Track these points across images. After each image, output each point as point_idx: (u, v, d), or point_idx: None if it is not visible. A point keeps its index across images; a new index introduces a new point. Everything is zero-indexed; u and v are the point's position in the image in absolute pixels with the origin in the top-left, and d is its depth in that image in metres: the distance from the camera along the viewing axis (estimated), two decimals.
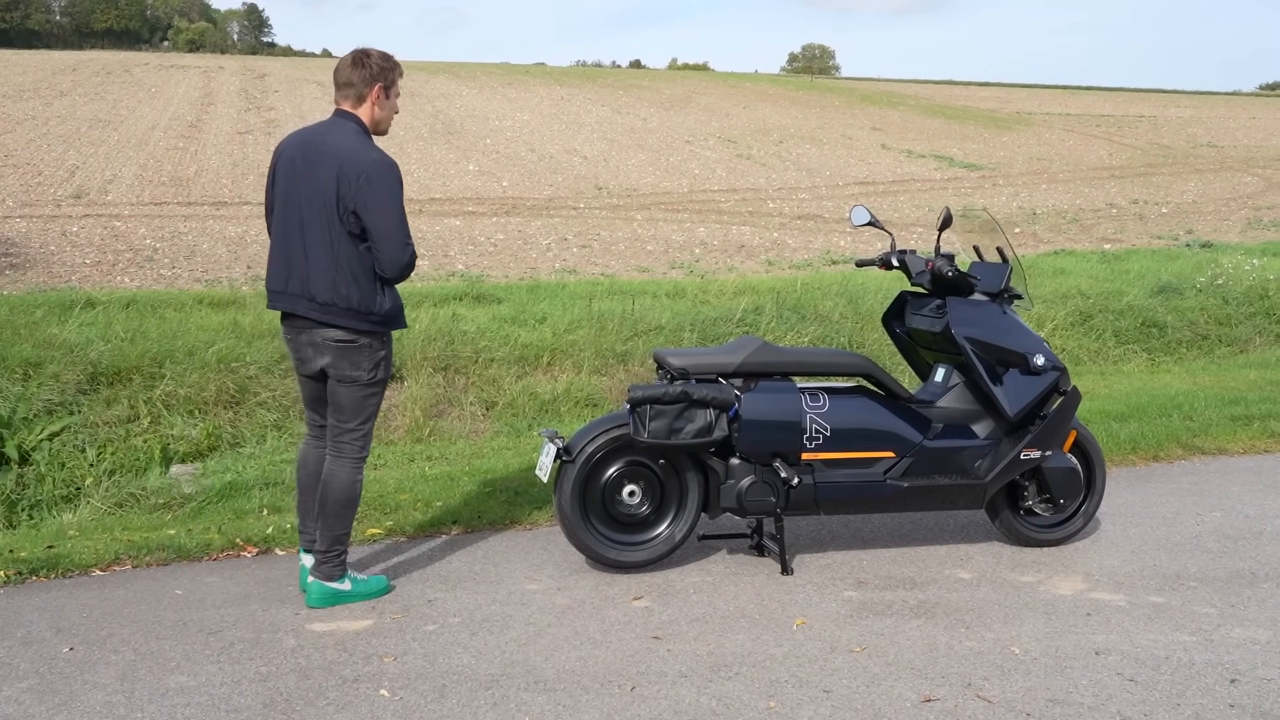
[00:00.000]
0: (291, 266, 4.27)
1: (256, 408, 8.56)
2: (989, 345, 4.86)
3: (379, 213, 4.14)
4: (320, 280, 4.19)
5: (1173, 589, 4.59)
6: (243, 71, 46.87)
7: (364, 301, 4.21)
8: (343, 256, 4.17)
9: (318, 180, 4.19)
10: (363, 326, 4.24)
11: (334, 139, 4.27)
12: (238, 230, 17.90)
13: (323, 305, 4.21)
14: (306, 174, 4.23)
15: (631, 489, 4.77)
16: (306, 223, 4.21)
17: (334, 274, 4.18)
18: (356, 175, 4.14)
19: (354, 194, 4.13)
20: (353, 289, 4.19)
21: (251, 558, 5.03)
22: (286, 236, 4.29)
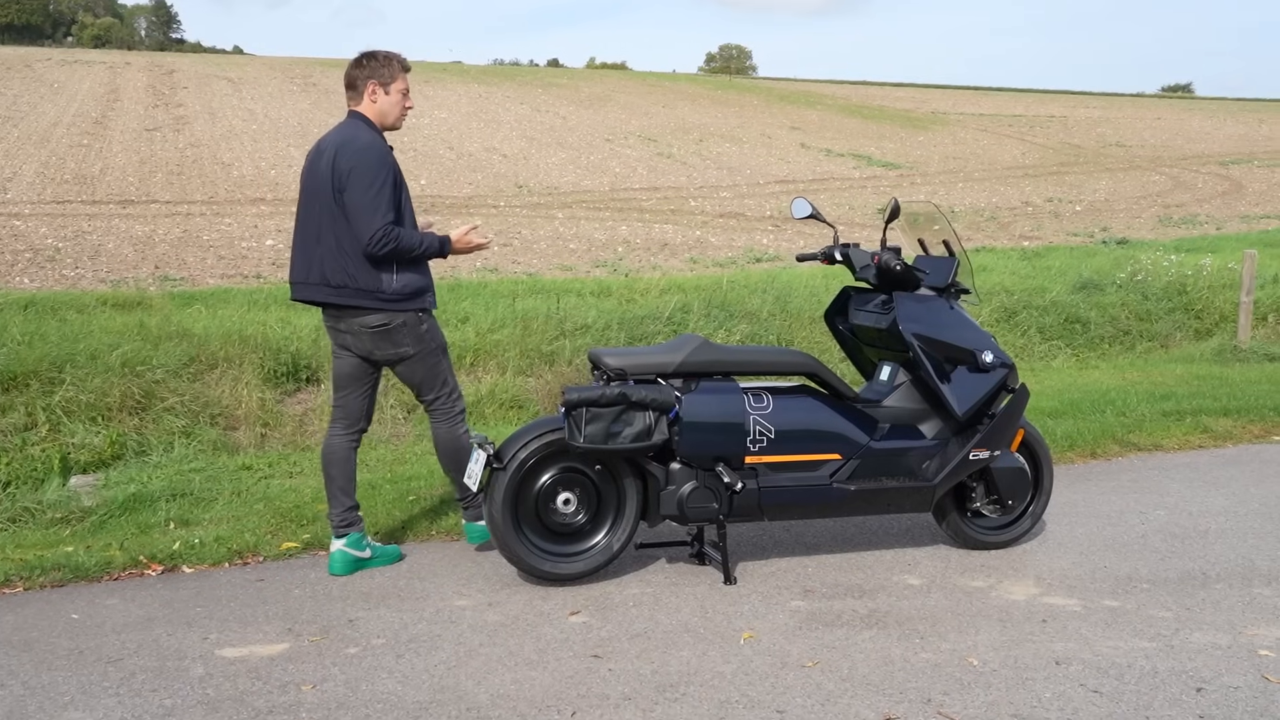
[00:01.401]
0: (310, 257, 4.54)
1: (164, 413, 8.13)
2: (937, 342, 4.68)
3: (352, 190, 4.38)
4: (330, 264, 4.46)
5: (1126, 592, 4.45)
6: (150, 68, 45.62)
7: (369, 281, 4.43)
8: (344, 239, 4.43)
9: (319, 171, 4.49)
10: (385, 307, 4.49)
11: (337, 133, 4.56)
12: (145, 229, 17.28)
13: (336, 288, 4.47)
14: (313, 169, 4.54)
15: (566, 497, 4.50)
16: (318, 213, 4.50)
17: (340, 258, 4.43)
18: (346, 157, 4.41)
19: (344, 174, 4.40)
20: (358, 270, 4.43)
21: (156, 576, 4.67)
22: (303, 229, 4.58)
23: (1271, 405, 7.88)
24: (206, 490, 6.01)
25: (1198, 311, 13.16)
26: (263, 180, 23.45)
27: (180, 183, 22.70)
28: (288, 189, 22.55)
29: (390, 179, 4.44)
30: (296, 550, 4.97)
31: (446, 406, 4.73)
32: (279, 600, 4.35)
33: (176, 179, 23.10)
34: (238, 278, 13.75)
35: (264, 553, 4.93)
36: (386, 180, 4.41)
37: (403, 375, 4.72)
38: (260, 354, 9.00)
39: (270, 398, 8.69)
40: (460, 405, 4.74)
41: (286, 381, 8.97)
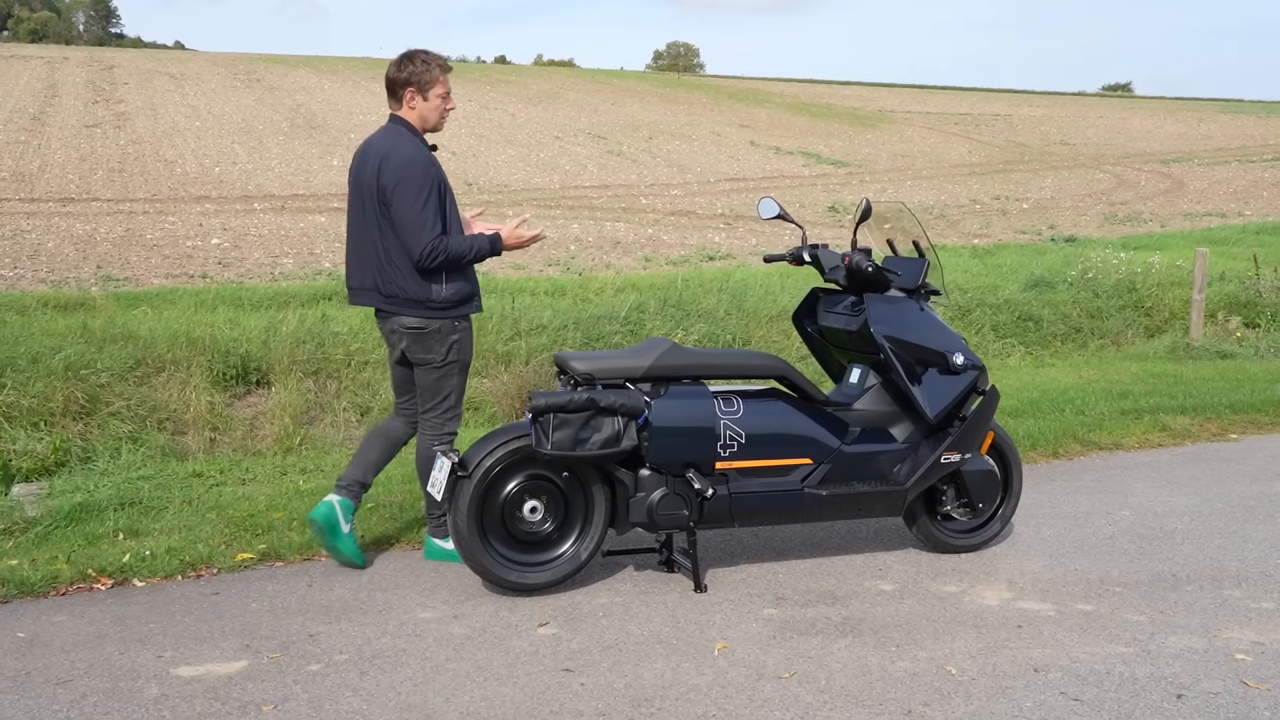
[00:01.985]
0: (364, 263, 4.62)
1: (109, 418, 7.92)
2: (908, 344, 4.61)
3: (398, 206, 4.40)
4: (381, 274, 4.53)
5: (1099, 595, 4.42)
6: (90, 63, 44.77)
7: (419, 291, 4.49)
8: (392, 251, 4.49)
9: (364, 180, 4.54)
10: (429, 314, 4.52)
11: (380, 140, 4.58)
12: (86, 228, 16.89)
13: (387, 297, 4.56)
14: (360, 174, 4.59)
15: (533, 505, 4.39)
16: (365, 220, 4.58)
17: (388, 267, 4.50)
18: (390, 171, 4.43)
19: (388, 189, 4.42)
20: (407, 280, 4.48)
21: (106, 591, 4.49)
22: (355, 233, 4.67)
23: (1227, 403, 7.93)
24: (156, 499, 5.82)
25: (1148, 309, 13.29)
26: (207, 177, 23.05)
27: (122, 180, 22.25)
28: (232, 186, 22.19)
29: (434, 190, 4.46)
30: (252, 561, 4.80)
31: (437, 423, 4.68)
32: (236, 615, 4.20)
33: (118, 176, 22.64)
34: (183, 277, 13.47)
35: (218, 564, 4.77)
36: (431, 192, 4.44)
37: (417, 377, 4.72)
38: (208, 356, 8.80)
39: (219, 401, 8.49)
40: (452, 428, 4.69)
41: (236, 384, 8.78)
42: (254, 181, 22.96)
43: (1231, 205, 26.82)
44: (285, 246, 16.21)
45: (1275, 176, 33.26)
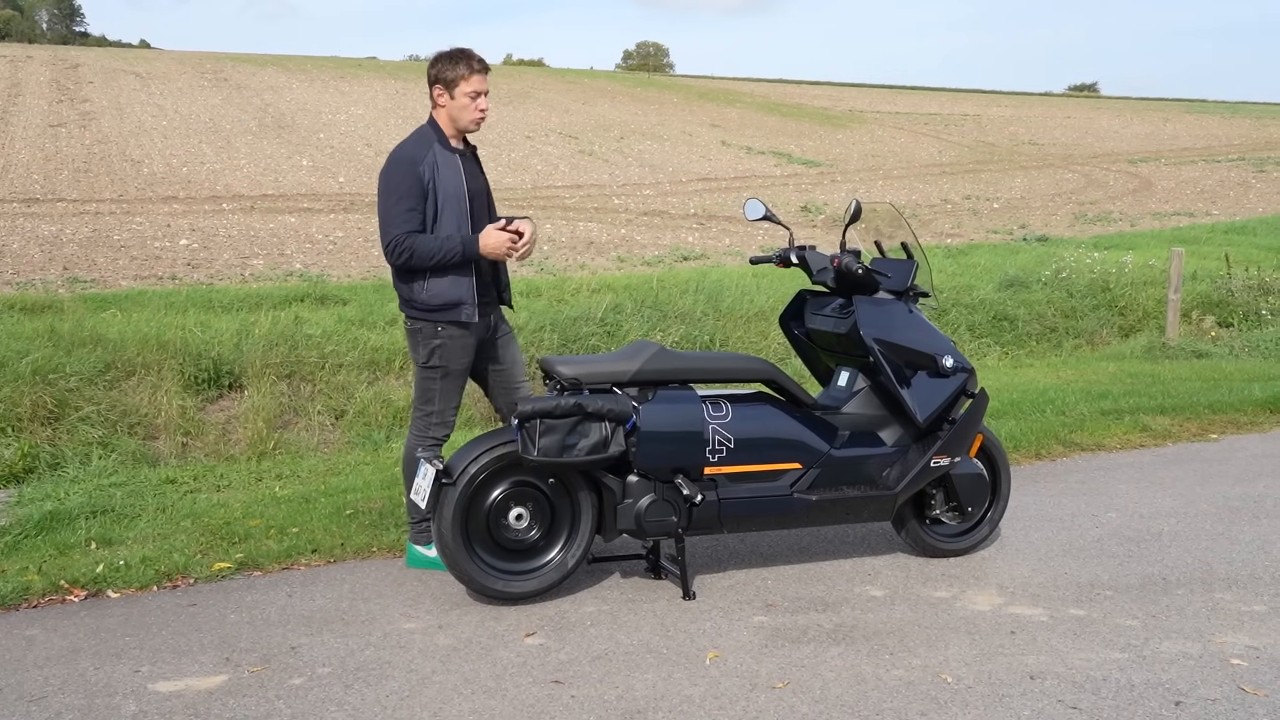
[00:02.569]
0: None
1: (79, 423, 7.78)
2: (897, 346, 4.56)
3: (378, 200, 4.47)
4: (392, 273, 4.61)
5: (1090, 600, 4.38)
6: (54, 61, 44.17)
7: (404, 290, 4.54)
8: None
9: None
10: (413, 313, 4.54)
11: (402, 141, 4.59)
12: (52, 229, 16.63)
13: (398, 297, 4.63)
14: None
15: (519, 512, 4.31)
16: None
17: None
18: (381, 171, 4.49)
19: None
20: (397, 277, 4.55)
21: (79, 603, 4.37)
22: None
23: (1205, 403, 7.94)
24: (129, 506, 5.70)
25: (1121, 308, 13.35)
26: (174, 178, 22.78)
27: (88, 180, 21.95)
28: (200, 186, 21.94)
29: (413, 187, 4.36)
30: (229, 571, 4.70)
31: (421, 426, 4.62)
32: (214, 627, 4.09)
33: (84, 176, 22.33)
34: (151, 279, 13.27)
35: (195, 574, 4.66)
36: (410, 190, 4.36)
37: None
38: (179, 359, 8.68)
39: (191, 405, 8.37)
40: (437, 435, 4.60)
41: (208, 388, 8.65)
42: (222, 181, 22.71)
43: (1199, 205, 27.02)
44: (255, 247, 16.03)
45: (1241, 176, 33.56)
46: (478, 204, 4.52)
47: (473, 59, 4.49)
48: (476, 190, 4.54)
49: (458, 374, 4.58)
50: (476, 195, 4.53)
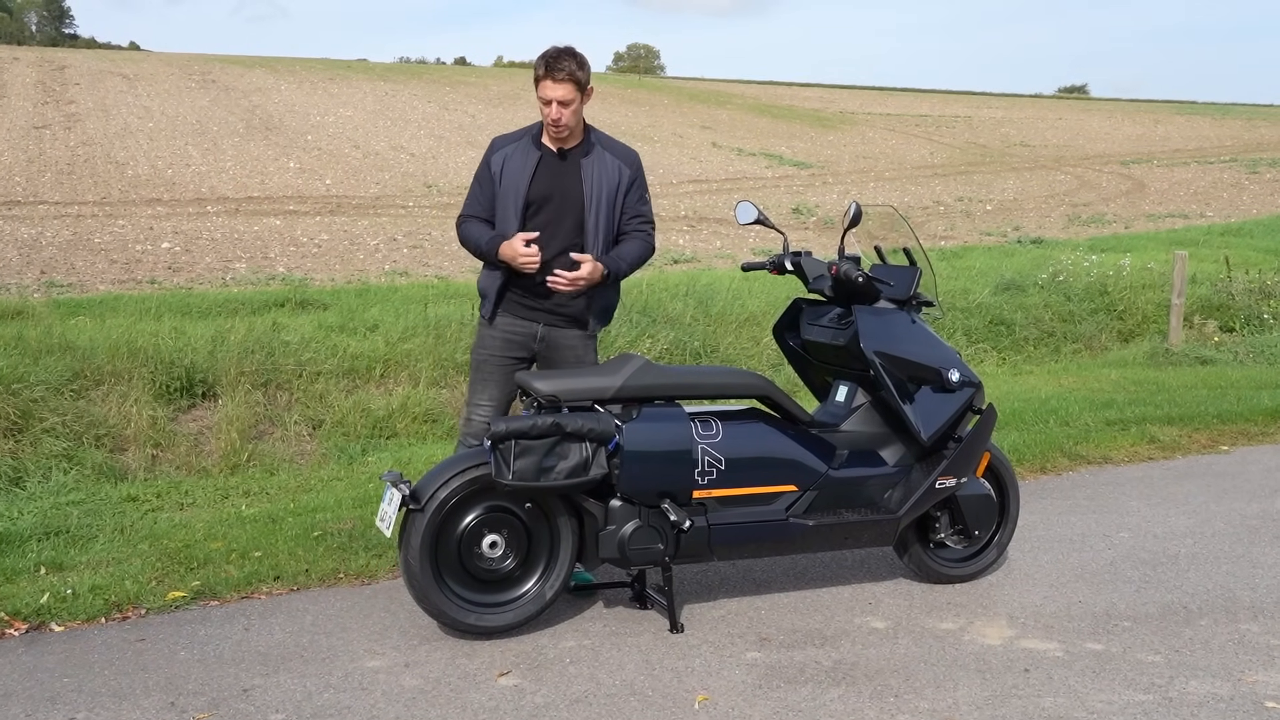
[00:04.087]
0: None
1: (42, 435, 7.44)
2: (900, 360, 4.26)
3: None
4: None
5: (1108, 632, 4.08)
6: (40, 63, 43.77)
7: None
8: None
9: None
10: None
11: None
12: (32, 232, 16.31)
13: None
14: None
15: (493, 540, 3.99)
16: None
17: None
18: None
19: None
20: None
21: (19, 637, 4.05)
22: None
23: (1214, 412, 7.66)
24: (85, 527, 5.38)
25: (1120, 312, 13.07)
26: (159, 179, 22.43)
27: (71, 182, 21.60)
28: (185, 189, 21.61)
29: (484, 175, 4.38)
30: (184, 601, 4.38)
31: (465, 414, 4.55)
32: (162, 666, 3.78)
33: (67, 178, 21.99)
34: (130, 283, 12.95)
35: (147, 604, 4.34)
36: (481, 175, 4.39)
37: None
38: (151, 367, 8.34)
39: (162, 415, 8.04)
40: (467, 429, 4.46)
41: (180, 397, 8.32)
42: (207, 183, 22.38)
43: (1193, 206, 26.82)
44: (238, 250, 15.72)
45: (1234, 177, 33.38)
46: (547, 208, 4.30)
47: (547, 62, 4.22)
48: (545, 194, 4.30)
49: (485, 368, 4.44)
50: (543, 199, 4.30)
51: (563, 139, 4.30)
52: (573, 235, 4.29)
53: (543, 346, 4.40)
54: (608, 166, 4.33)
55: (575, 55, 4.23)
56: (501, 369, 4.42)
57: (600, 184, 4.30)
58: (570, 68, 4.17)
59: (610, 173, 4.33)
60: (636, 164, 4.43)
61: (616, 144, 4.46)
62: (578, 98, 4.21)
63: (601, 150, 4.35)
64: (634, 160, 4.43)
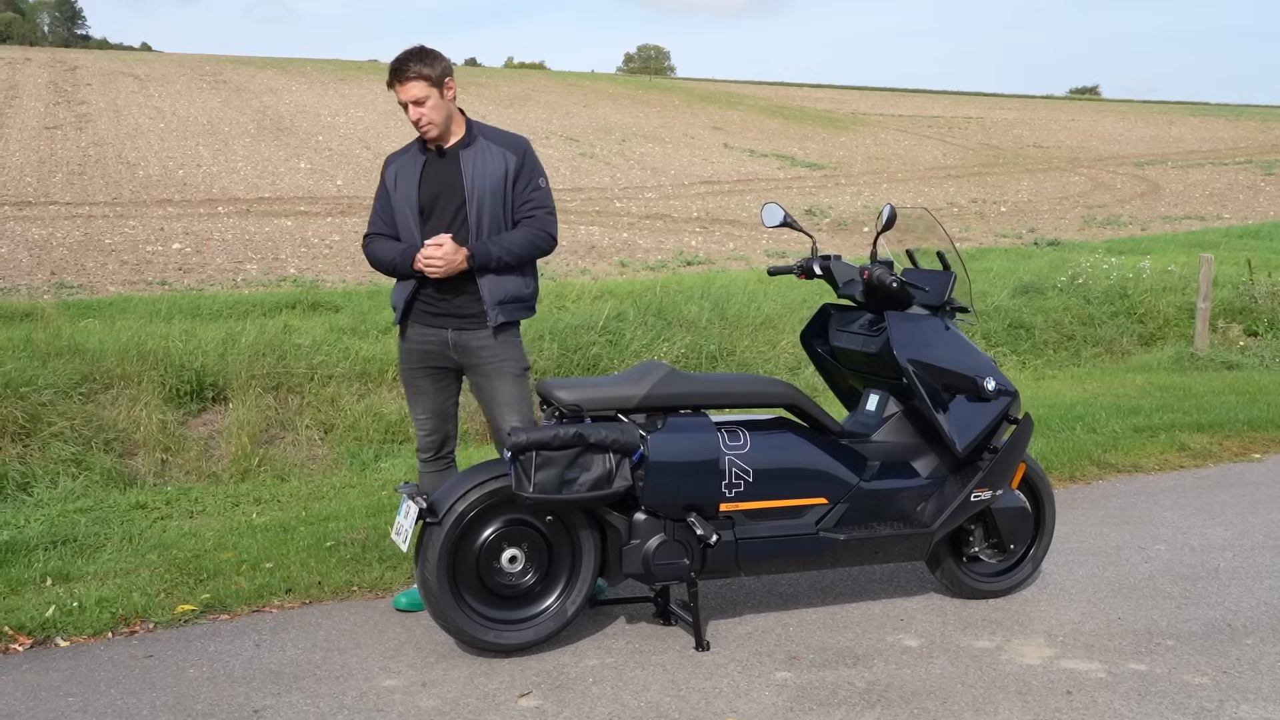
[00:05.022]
0: None
1: (51, 439, 7.34)
2: (934, 368, 4.10)
3: None
4: None
5: (1151, 652, 3.93)
6: (52, 64, 43.80)
7: None
8: None
9: None
10: None
11: None
12: (42, 232, 16.23)
13: None
14: None
15: (512, 554, 3.85)
16: None
17: None
18: None
19: None
20: None
21: (24, 653, 3.92)
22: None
23: (1244, 419, 7.49)
24: (93, 535, 5.25)
25: (1140, 316, 12.89)
26: (170, 180, 22.35)
27: (82, 183, 21.53)
28: (196, 189, 21.53)
29: (382, 192, 4.27)
30: (193, 615, 4.25)
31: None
32: (170, 684, 3.64)
33: (78, 179, 21.92)
34: (140, 284, 12.86)
35: (155, 618, 4.21)
36: (379, 193, 4.29)
37: None
38: (161, 370, 8.24)
39: (172, 420, 7.92)
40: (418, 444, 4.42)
41: (190, 401, 8.20)
42: (218, 184, 22.30)
43: (1209, 208, 26.60)
44: (249, 251, 15.61)
45: (1249, 179, 33.13)
46: (438, 209, 4.14)
47: (392, 69, 4.10)
48: (434, 195, 4.15)
49: (411, 383, 4.34)
50: (433, 200, 4.15)
51: (439, 138, 4.14)
52: (464, 232, 4.14)
53: (459, 353, 4.21)
54: (491, 157, 4.15)
55: (422, 54, 4.09)
56: (427, 380, 4.29)
57: (483, 175, 4.12)
58: (416, 68, 4.05)
59: (494, 163, 4.14)
60: (524, 151, 4.20)
61: (503, 134, 4.25)
62: (433, 93, 4.07)
63: (485, 142, 4.17)
64: (520, 147, 4.20)
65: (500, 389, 4.19)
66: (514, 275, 4.17)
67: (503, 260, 4.09)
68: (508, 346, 4.19)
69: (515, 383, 4.20)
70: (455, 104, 4.18)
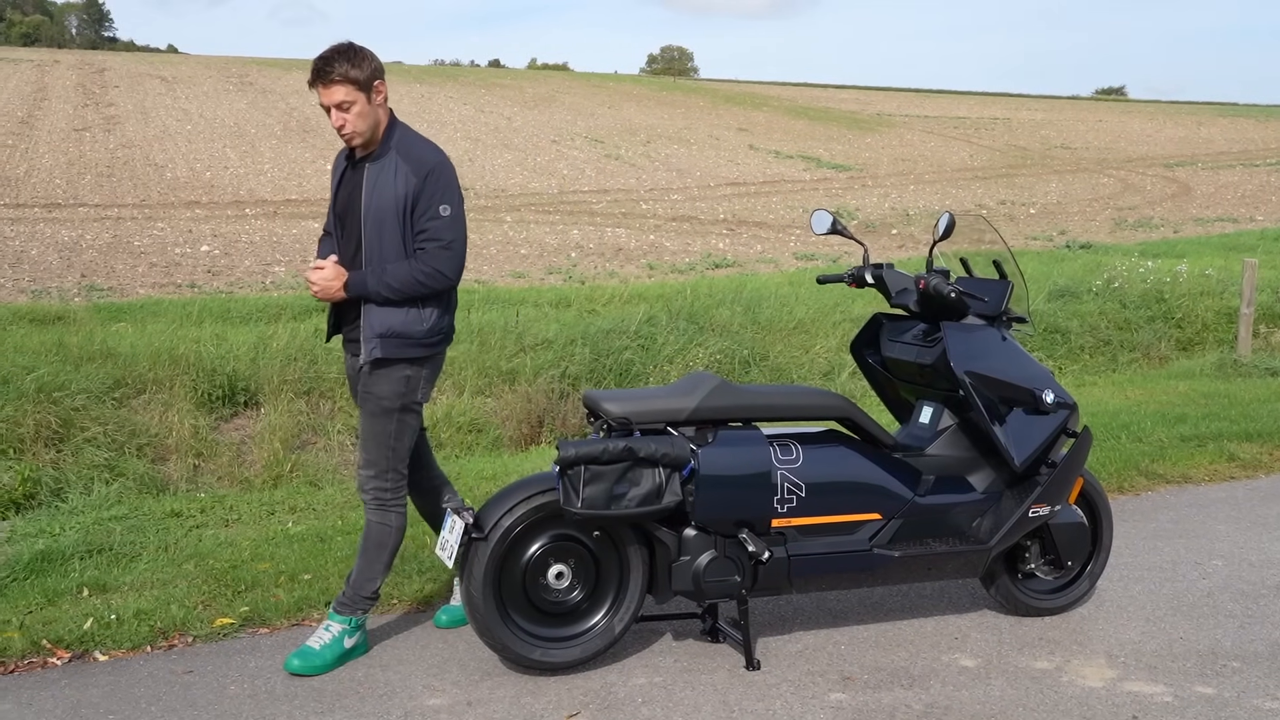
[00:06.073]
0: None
1: (84, 445, 7.31)
2: (992, 380, 3.99)
3: None
4: None
5: (1217, 674, 3.81)
6: (80, 66, 44.11)
7: None
8: None
9: None
10: None
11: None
12: (72, 234, 16.27)
13: None
14: None
15: (559, 570, 3.76)
16: None
17: None
18: None
19: None
20: None
21: (62, 667, 3.86)
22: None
23: None
24: (128, 544, 5.19)
25: (1178, 320, 12.71)
26: (197, 182, 22.41)
27: (110, 185, 21.61)
28: (223, 191, 21.58)
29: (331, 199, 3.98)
30: (232, 629, 4.17)
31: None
32: (211, 701, 3.57)
33: (106, 181, 22.00)
34: (170, 287, 12.86)
35: (193, 631, 4.15)
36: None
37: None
38: (193, 375, 8.20)
39: (204, 424, 7.89)
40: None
41: (222, 406, 8.17)
42: (246, 186, 22.34)
43: (1241, 210, 26.31)
44: (277, 254, 15.60)
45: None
46: (348, 223, 3.84)
47: (316, 68, 3.73)
48: (344, 208, 3.86)
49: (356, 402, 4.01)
50: (344, 213, 3.86)
51: (360, 145, 3.79)
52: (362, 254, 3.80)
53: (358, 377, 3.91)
54: (392, 175, 3.73)
55: (349, 53, 3.72)
56: (361, 405, 3.95)
57: (380, 195, 3.72)
58: (342, 69, 3.67)
59: (393, 182, 3.72)
60: (427, 172, 3.72)
61: (417, 148, 3.80)
62: (360, 98, 3.69)
63: (395, 157, 3.75)
64: (424, 168, 3.73)
65: (362, 422, 3.90)
66: (404, 309, 3.75)
67: (380, 294, 3.70)
68: (378, 381, 3.81)
69: (372, 419, 3.85)
70: (386, 109, 3.80)
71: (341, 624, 3.86)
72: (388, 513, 3.90)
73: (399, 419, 3.85)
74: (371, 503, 3.90)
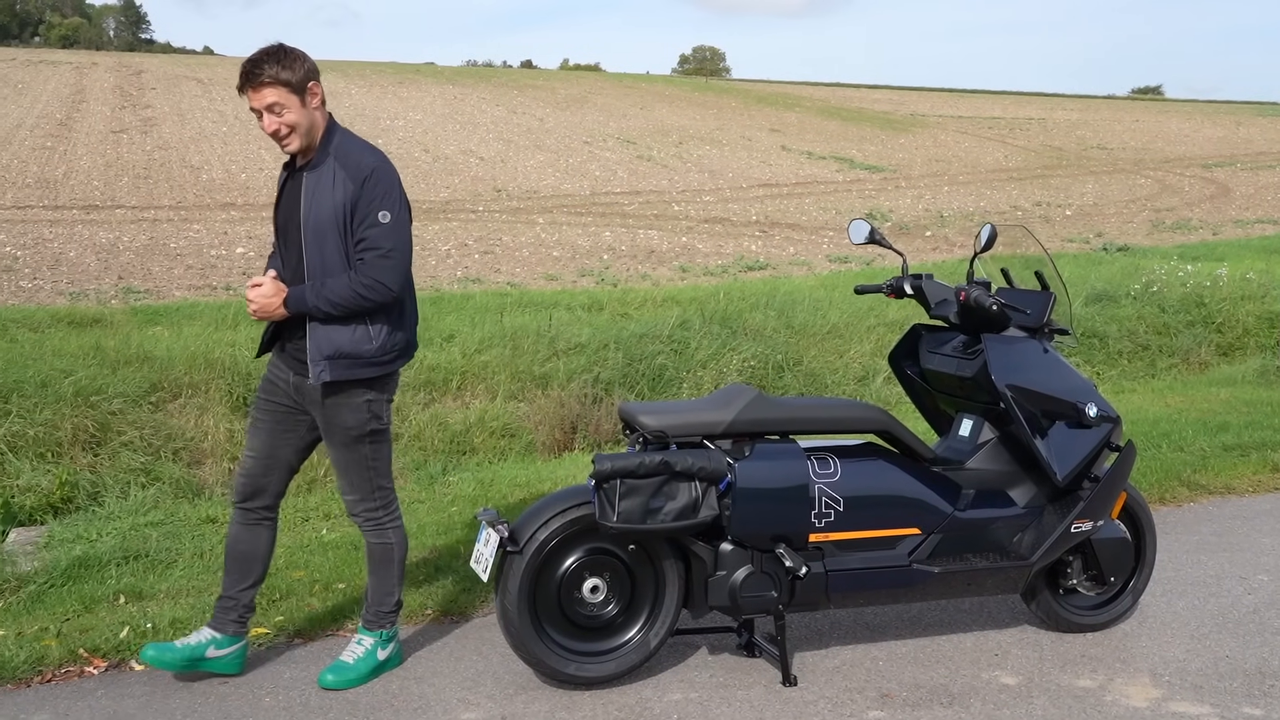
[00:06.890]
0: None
1: (121, 449, 7.35)
2: (1033, 393, 3.93)
3: None
4: None
5: (1265, 695, 3.73)
6: (118, 68, 44.54)
7: None
8: None
9: None
10: None
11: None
12: (109, 236, 16.41)
13: None
14: None
15: (594, 584, 3.73)
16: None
17: None
18: None
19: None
20: None
21: (98, 676, 3.87)
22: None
23: None
24: (164, 551, 5.22)
25: (1218, 325, 12.54)
26: (233, 184, 22.55)
27: (147, 186, 21.79)
28: (259, 193, 21.69)
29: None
30: (268, 639, 4.17)
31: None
32: (247, 714, 3.57)
33: (143, 183, 22.18)
34: (205, 289, 12.94)
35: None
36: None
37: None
38: (228, 379, 8.24)
39: (239, 429, 7.91)
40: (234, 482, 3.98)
41: None
42: None
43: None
44: None
45: None
46: (287, 235, 3.67)
47: (244, 72, 3.55)
48: (284, 219, 3.69)
49: (252, 411, 3.92)
50: (283, 224, 3.70)
51: (298, 152, 3.63)
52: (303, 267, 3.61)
53: (299, 396, 3.72)
54: (330, 183, 3.56)
55: (279, 54, 3.53)
56: (267, 417, 3.79)
57: (318, 204, 3.55)
58: (272, 71, 3.49)
59: (330, 190, 3.55)
60: (364, 178, 3.54)
61: (355, 154, 3.61)
62: (292, 101, 3.51)
63: (333, 163, 3.58)
64: (361, 174, 3.55)
65: (332, 452, 3.77)
66: (349, 327, 3.57)
67: (320, 310, 3.53)
68: (339, 412, 3.65)
69: (344, 449, 3.71)
70: (323, 113, 3.63)
71: (373, 638, 3.85)
72: (385, 531, 3.86)
73: (371, 443, 3.75)
74: (366, 525, 3.85)
